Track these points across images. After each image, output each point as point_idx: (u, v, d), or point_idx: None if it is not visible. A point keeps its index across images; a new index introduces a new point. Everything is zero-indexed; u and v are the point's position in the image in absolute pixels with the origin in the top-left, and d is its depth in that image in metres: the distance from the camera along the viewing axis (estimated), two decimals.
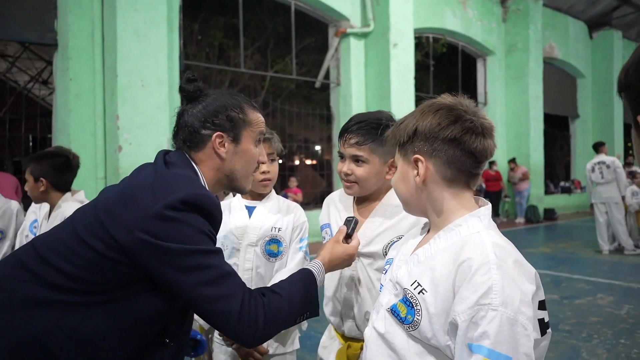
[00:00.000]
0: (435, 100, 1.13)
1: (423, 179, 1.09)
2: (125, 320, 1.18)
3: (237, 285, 1.18)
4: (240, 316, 1.15)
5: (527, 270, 1.00)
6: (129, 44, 6.20)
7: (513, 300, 0.93)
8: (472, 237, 1.03)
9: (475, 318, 0.92)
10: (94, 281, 1.14)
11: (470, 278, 0.95)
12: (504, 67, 12.76)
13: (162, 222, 1.13)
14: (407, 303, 1.04)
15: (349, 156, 1.59)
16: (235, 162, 1.36)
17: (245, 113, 1.35)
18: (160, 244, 1.12)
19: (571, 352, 3.67)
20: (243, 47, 9.27)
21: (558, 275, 6.32)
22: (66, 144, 6.26)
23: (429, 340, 1.01)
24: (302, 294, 1.28)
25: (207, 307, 1.15)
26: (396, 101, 8.84)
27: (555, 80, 14.13)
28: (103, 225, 1.15)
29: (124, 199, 1.18)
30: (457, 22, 11.45)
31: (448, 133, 1.06)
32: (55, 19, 6.39)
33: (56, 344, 1.13)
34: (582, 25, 14.85)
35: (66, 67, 6.30)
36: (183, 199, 1.15)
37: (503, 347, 0.90)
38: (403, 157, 1.13)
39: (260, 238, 1.91)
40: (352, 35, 9.31)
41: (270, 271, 1.92)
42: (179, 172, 1.27)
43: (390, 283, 1.14)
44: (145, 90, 6.30)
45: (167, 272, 1.14)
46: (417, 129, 1.09)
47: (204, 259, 1.15)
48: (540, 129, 12.91)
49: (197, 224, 1.16)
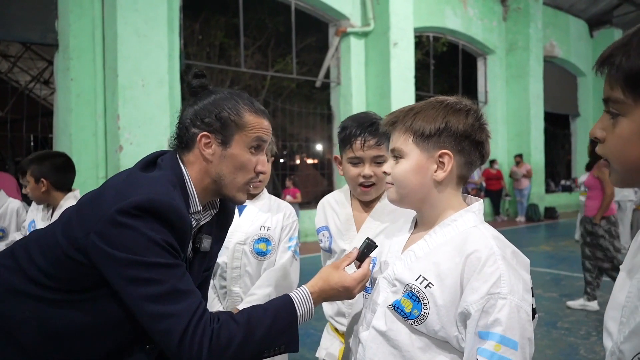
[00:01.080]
0: (452, 99, 1.13)
1: (446, 175, 1.10)
2: (96, 322, 1.14)
3: (187, 306, 1.06)
4: (181, 340, 1.03)
5: (523, 260, 1.06)
6: (129, 44, 6.22)
7: (518, 288, 0.98)
8: (472, 231, 1.07)
9: (486, 307, 0.97)
10: (63, 279, 1.12)
11: (480, 270, 0.99)
12: (504, 66, 12.76)
13: (113, 227, 1.05)
14: (413, 298, 1.06)
15: (369, 158, 1.59)
16: (223, 166, 1.23)
17: (240, 115, 1.22)
18: (107, 251, 1.05)
19: (569, 350, 3.68)
20: (244, 46, 9.29)
21: (558, 274, 6.33)
22: (67, 143, 6.29)
23: (437, 333, 1.03)
24: (268, 325, 1.12)
25: (148, 323, 1.06)
26: (396, 100, 8.85)
27: (556, 78, 14.13)
28: (71, 224, 1.13)
29: (91, 200, 1.15)
30: (458, 21, 11.45)
31: (478, 136, 1.10)
32: (56, 19, 6.41)
33: (28, 338, 1.13)
34: (582, 23, 14.84)
35: (67, 67, 6.32)
36: (137, 204, 1.06)
37: (513, 333, 0.95)
38: (422, 150, 1.11)
39: (249, 237, 1.92)
40: (352, 34, 9.32)
41: (259, 270, 1.93)
42: (155, 174, 1.18)
43: (386, 281, 1.15)
44: (146, 90, 6.32)
45: (113, 279, 1.07)
46: (448, 124, 1.09)
47: (151, 272, 1.05)
48: (541, 127, 12.91)
49: (149, 233, 1.06)
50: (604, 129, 0.79)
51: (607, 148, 0.79)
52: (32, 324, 1.12)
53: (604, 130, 0.79)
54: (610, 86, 0.76)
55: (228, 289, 1.94)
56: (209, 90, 1.28)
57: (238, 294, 1.92)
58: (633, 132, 0.74)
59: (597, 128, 0.80)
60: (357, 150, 1.59)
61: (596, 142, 0.82)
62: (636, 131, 0.74)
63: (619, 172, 0.79)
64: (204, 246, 1.30)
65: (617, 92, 0.75)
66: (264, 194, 2.04)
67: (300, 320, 1.18)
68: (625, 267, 0.87)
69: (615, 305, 0.85)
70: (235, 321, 1.10)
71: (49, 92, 12.05)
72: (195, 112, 1.24)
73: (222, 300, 1.94)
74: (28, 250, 1.17)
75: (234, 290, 1.93)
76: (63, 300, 1.13)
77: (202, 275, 1.38)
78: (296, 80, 12.07)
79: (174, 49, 6.88)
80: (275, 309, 1.15)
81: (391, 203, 1.19)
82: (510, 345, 0.95)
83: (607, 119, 0.79)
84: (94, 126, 6.47)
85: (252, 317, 1.12)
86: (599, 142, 0.81)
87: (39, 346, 1.13)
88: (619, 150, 0.77)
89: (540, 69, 12.73)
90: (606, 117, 0.79)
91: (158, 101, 6.42)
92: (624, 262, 0.88)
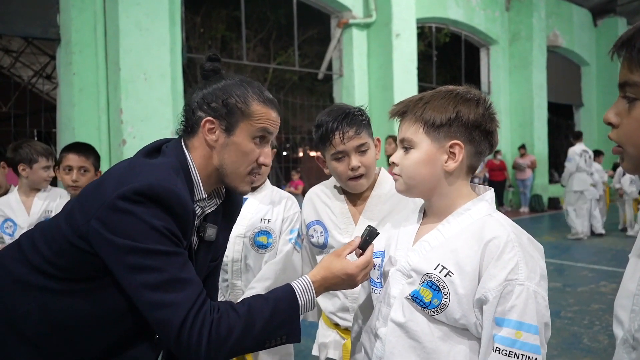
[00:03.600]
0: (462, 88, 1.13)
1: (457, 165, 1.10)
2: (99, 312, 1.13)
3: (187, 295, 1.04)
4: (180, 330, 1.02)
5: (538, 247, 1.08)
6: (131, 38, 6.22)
7: (535, 274, 1.00)
8: (489, 219, 1.08)
9: (504, 293, 0.98)
10: (67, 268, 1.11)
11: (499, 256, 1.00)
12: (507, 56, 12.68)
13: (113, 213, 1.04)
14: (433, 287, 1.06)
15: (352, 149, 1.57)
16: (225, 154, 1.21)
17: (247, 103, 1.20)
18: (107, 237, 1.03)
19: (572, 339, 3.70)
20: (245, 39, 9.26)
21: (562, 264, 6.34)
22: (71, 138, 6.30)
23: (457, 321, 1.04)
24: (268, 315, 1.10)
25: (147, 312, 1.04)
26: (399, 91, 8.82)
27: (559, 68, 14.04)
28: (74, 211, 1.12)
29: (94, 186, 1.14)
30: (460, 12, 11.38)
31: (489, 125, 1.10)
32: (57, 13, 6.41)
33: (33, 329, 1.13)
34: (586, 12, 14.72)
35: (69, 62, 6.32)
36: (137, 190, 1.04)
37: (532, 319, 0.97)
38: (432, 140, 1.09)
39: (249, 229, 1.91)
40: (354, 26, 9.28)
41: (260, 262, 1.92)
42: (157, 161, 1.16)
43: (400, 273, 1.14)
44: (148, 83, 6.32)
45: (113, 266, 1.06)
46: (459, 114, 1.08)
47: (151, 259, 1.03)
48: (544, 117, 12.85)
49: (150, 220, 1.04)
50: (619, 114, 0.78)
51: (622, 133, 0.78)
52: (36, 314, 1.12)
53: (618, 116, 0.79)
54: (629, 69, 0.75)
55: (230, 282, 1.94)
56: (220, 75, 1.25)
57: (239, 287, 1.92)
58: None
59: (612, 113, 0.79)
60: (339, 145, 1.56)
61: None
62: None
63: (633, 157, 0.78)
64: (209, 235, 1.29)
65: (636, 76, 0.74)
66: (266, 185, 2.02)
67: (302, 310, 1.16)
68: (634, 254, 0.87)
69: (626, 294, 0.85)
70: (236, 311, 1.09)
71: (51, 87, 12.05)
72: (203, 96, 1.21)
73: (225, 294, 1.94)
74: (33, 240, 1.17)
75: (235, 284, 1.93)
76: (67, 290, 1.13)
77: (209, 266, 1.37)
78: (298, 73, 12.03)
79: (175, 42, 6.86)
80: (276, 299, 1.13)
81: (399, 193, 1.18)
82: (532, 331, 0.96)
83: (623, 104, 0.78)
84: (97, 120, 6.48)
85: (253, 307, 1.10)
86: (612, 127, 0.80)
87: (44, 337, 1.13)
88: (636, 134, 0.76)
89: (543, 59, 12.65)
90: (622, 102, 0.78)
91: (160, 95, 6.42)
92: (633, 249, 0.88)
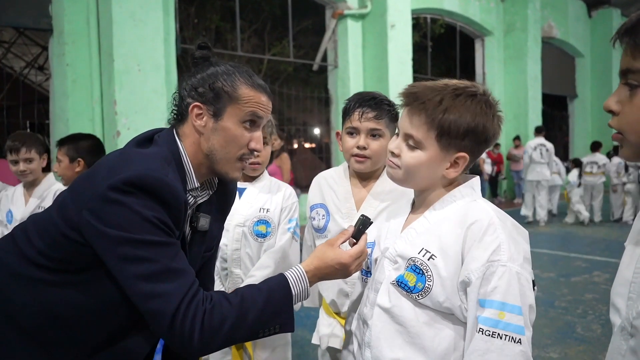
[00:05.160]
0: (482, 93, 1.10)
1: (458, 174, 1.13)
2: (94, 303, 1.13)
3: (179, 286, 1.04)
4: (172, 321, 1.02)
5: (523, 231, 1.09)
6: (125, 29, 6.16)
7: (517, 257, 1.01)
8: (472, 204, 1.10)
9: (486, 274, 0.99)
10: (60, 260, 1.11)
11: (480, 238, 1.02)
12: (502, 47, 12.67)
13: (104, 204, 1.03)
14: (417, 271, 1.07)
15: (365, 130, 1.60)
16: (214, 140, 1.19)
17: (235, 87, 1.18)
18: (99, 228, 1.03)
19: (566, 328, 3.73)
20: (240, 30, 9.20)
21: (555, 254, 6.39)
22: (64, 129, 6.26)
23: (442, 304, 1.05)
24: (261, 305, 1.10)
25: (140, 303, 1.04)
26: (394, 83, 8.81)
27: (553, 60, 14.04)
28: (66, 202, 1.12)
29: (85, 176, 1.14)
30: (455, 2, 11.34)
31: (497, 137, 1.13)
32: (50, 3, 6.33)
33: (29, 321, 1.13)
34: (580, 4, 14.70)
35: (62, 53, 6.26)
36: (127, 180, 1.03)
37: (516, 299, 0.98)
38: (441, 147, 1.08)
39: (248, 219, 1.93)
40: (349, 16, 9.23)
41: (259, 251, 1.94)
42: (149, 151, 1.15)
43: (387, 260, 1.16)
44: (142, 74, 6.28)
45: (106, 257, 1.06)
46: (476, 130, 1.07)
47: (142, 250, 1.03)
48: (539, 109, 12.87)
49: (140, 210, 1.03)
50: (620, 102, 0.79)
51: (624, 120, 0.78)
52: (32, 307, 1.13)
53: (619, 103, 0.79)
54: (632, 56, 0.75)
55: (229, 271, 1.95)
56: (209, 62, 1.25)
57: (239, 276, 1.94)
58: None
59: (613, 101, 0.79)
60: (354, 121, 1.61)
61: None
62: None
63: (635, 144, 0.78)
64: (202, 225, 1.28)
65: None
66: (264, 175, 2.04)
67: (295, 300, 1.16)
68: (630, 242, 0.88)
69: (622, 282, 0.86)
70: (229, 301, 1.08)
71: (44, 78, 11.95)
72: (192, 83, 1.21)
73: (224, 282, 1.96)
74: (27, 232, 1.17)
75: (234, 272, 1.95)
76: (61, 282, 1.12)
77: (203, 256, 1.37)
78: (293, 64, 11.99)
79: (169, 33, 6.81)
80: (269, 289, 1.13)
81: (393, 181, 1.18)
82: (515, 312, 0.97)
83: (625, 91, 0.78)
84: (90, 112, 6.43)
85: (246, 297, 1.10)
86: (613, 115, 0.80)
87: (40, 329, 1.13)
88: (638, 120, 0.76)
89: (538, 50, 12.65)
90: (623, 89, 0.78)
91: (155, 86, 6.38)
92: (629, 238, 0.89)
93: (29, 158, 2.64)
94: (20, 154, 2.63)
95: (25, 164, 2.64)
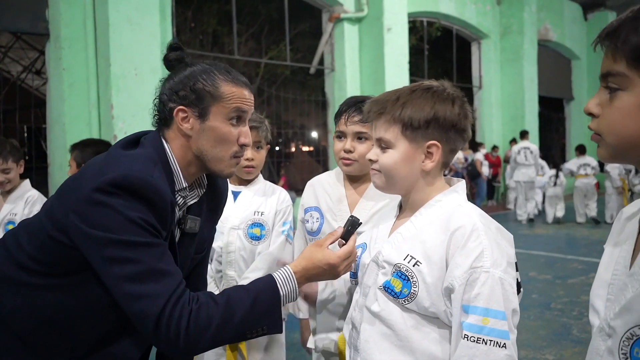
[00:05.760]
0: (437, 85, 1.13)
1: (434, 165, 1.12)
2: (84, 306, 1.13)
3: (165, 286, 1.04)
4: (158, 322, 1.02)
5: (507, 235, 1.10)
6: (121, 33, 6.17)
7: (501, 262, 1.02)
8: (457, 209, 1.10)
9: (469, 280, 1.00)
10: (49, 263, 1.12)
11: (463, 245, 1.03)
12: (498, 50, 12.71)
13: (90, 205, 1.04)
14: (403, 277, 1.08)
15: (351, 134, 1.62)
16: (203, 140, 1.19)
17: (216, 86, 1.18)
18: (85, 229, 1.03)
19: (562, 330, 3.74)
20: (237, 34, 9.22)
21: (552, 256, 6.40)
22: (61, 134, 6.27)
23: (427, 309, 1.06)
24: (249, 305, 1.09)
25: (125, 304, 1.04)
26: (391, 86, 8.82)
27: (550, 62, 14.10)
28: (53, 205, 1.13)
29: (73, 179, 1.15)
30: (452, 6, 11.38)
31: (463, 124, 1.12)
32: (46, 8, 6.34)
33: (21, 324, 1.13)
34: (576, 6, 14.77)
35: (59, 57, 6.27)
36: (112, 181, 1.04)
37: (499, 304, 0.98)
38: (411, 140, 1.11)
39: (243, 222, 1.95)
40: (346, 20, 9.26)
41: (253, 254, 1.96)
42: (134, 152, 1.15)
43: (374, 264, 1.17)
44: (139, 78, 6.29)
45: (92, 259, 1.06)
46: (436, 115, 1.09)
47: (127, 251, 1.03)
48: (536, 111, 12.92)
49: (125, 211, 1.03)
50: (600, 104, 0.80)
51: (603, 122, 0.80)
52: (23, 310, 1.13)
53: (599, 106, 0.80)
54: (613, 59, 0.77)
55: (223, 273, 1.97)
56: (185, 63, 1.24)
57: (233, 278, 1.95)
58: (633, 105, 0.76)
59: (593, 103, 0.81)
60: (341, 125, 1.64)
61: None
62: (637, 104, 0.75)
63: (612, 146, 0.79)
64: (190, 227, 1.27)
65: (620, 66, 0.76)
66: (259, 179, 2.06)
67: (284, 301, 1.15)
68: (609, 244, 0.90)
69: (601, 284, 0.87)
70: (215, 302, 1.08)
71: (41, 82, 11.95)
72: (171, 87, 1.20)
73: (218, 284, 1.97)
74: (17, 237, 1.17)
75: (229, 274, 1.96)
76: (51, 285, 1.13)
77: (194, 258, 1.37)
78: (290, 67, 12.00)
79: (166, 37, 6.82)
80: (257, 290, 1.13)
81: (377, 189, 1.21)
82: (499, 317, 0.98)
83: (604, 94, 0.80)
84: (87, 116, 6.43)
85: (232, 297, 1.10)
86: (592, 117, 0.81)
87: (32, 332, 1.14)
88: (616, 123, 0.78)
89: (534, 52, 12.70)
90: (603, 92, 0.80)
91: (152, 90, 6.16)
92: (608, 240, 0.91)
93: (5, 169, 2.64)
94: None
95: (3, 174, 2.64)
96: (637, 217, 0.86)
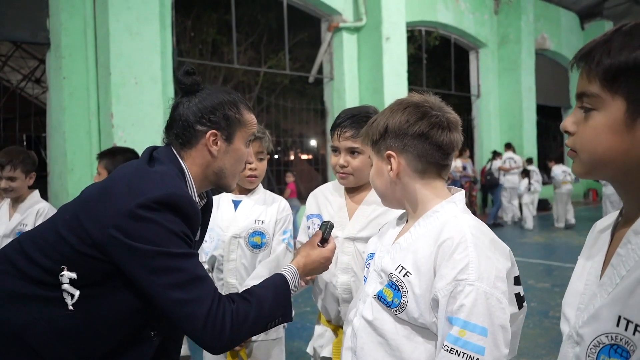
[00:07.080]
0: (404, 98, 1.21)
1: (396, 173, 1.16)
2: (104, 315, 1.19)
3: (207, 291, 1.17)
4: (206, 322, 1.14)
5: (502, 248, 1.09)
6: (121, 42, 6.21)
7: (488, 275, 1.01)
8: (450, 220, 1.11)
9: (453, 292, 1.00)
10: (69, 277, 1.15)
11: (449, 256, 1.03)
12: (496, 59, 12.80)
13: (134, 221, 1.12)
14: (393, 287, 1.10)
15: (344, 149, 1.68)
16: (226, 160, 1.34)
17: (241, 113, 1.35)
18: (131, 244, 1.11)
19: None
20: (236, 43, 9.27)
21: (550, 264, 6.41)
22: (61, 142, 6.29)
23: (416, 320, 1.07)
24: (271, 299, 1.27)
25: (173, 310, 1.14)
26: (389, 95, 8.87)
27: (547, 71, 14.19)
28: (79, 220, 1.17)
29: (100, 195, 1.20)
30: (450, 15, 11.47)
31: (416, 129, 1.14)
32: (47, 17, 6.39)
33: (36, 338, 1.15)
34: (573, 16, 14.89)
35: (59, 66, 6.31)
36: (157, 199, 1.14)
37: (478, 319, 0.97)
38: (377, 154, 1.21)
39: (244, 230, 1.99)
40: (344, 29, 9.32)
41: (254, 262, 1.99)
42: (160, 169, 1.25)
43: (375, 273, 1.19)
44: (139, 87, 6.32)
45: (136, 271, 1.14)
46: (387, 127, 1.17)
47: (174, 261, 1.14)
48: (533, 120, 12.98)
49: (169, 225, 1.15)
50: (576, 123, 0.84)
51: (578, 140, 0.84)
52: (41, 325, 1.16)
53: (575, 124, 0.84)
54: (587, 80, 0.80)
55: (225, 281, 1.99)
56: (206, 88, 1.36)
57: (234, 286, 1.98)
58: (605, 125, 0.79)
59: (569, 122, 0.86)
60: (335, 140, 1.70)
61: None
62: (609, 124, 0.79)
63: (585, 162, 0.84)
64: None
65: (594, 87, 0.79)
66: (259, 188, 2.09)
67: (292, 293, 1.34)
68: (582, 256, 0.93)
69: (572, 293, 0.90)
70: (247, 300, 1.23)
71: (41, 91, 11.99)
72: (200, 110, 1.32)
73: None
74: (25, 252, 1.19)
75: (230, 282, 1.99)
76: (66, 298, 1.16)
77: None
78: (289, 76, 12.06)
79: (166, 46, 6.87)
80: (274, 286, 1.31)
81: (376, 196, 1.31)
82: (476, 331, 0.97)
83: (580, 113, 0.84)
84: (87, 125, 6.46)
85: (258, 295, 1.26)
86: (569, 135, 0.86)
87: (49, 345, 1.16)
88: (590, 141, 0.82)
89: (532, 61, 12.78)
90: (578, 111, 0.84)
91: (151, 99, 6.42)
92: (582, 252, 0.94)
93: (12, 177, 2.67)
94: (4, 172, 2.65)
95: (8, 182, 2.66)
96: (609, 230, 0.89)
